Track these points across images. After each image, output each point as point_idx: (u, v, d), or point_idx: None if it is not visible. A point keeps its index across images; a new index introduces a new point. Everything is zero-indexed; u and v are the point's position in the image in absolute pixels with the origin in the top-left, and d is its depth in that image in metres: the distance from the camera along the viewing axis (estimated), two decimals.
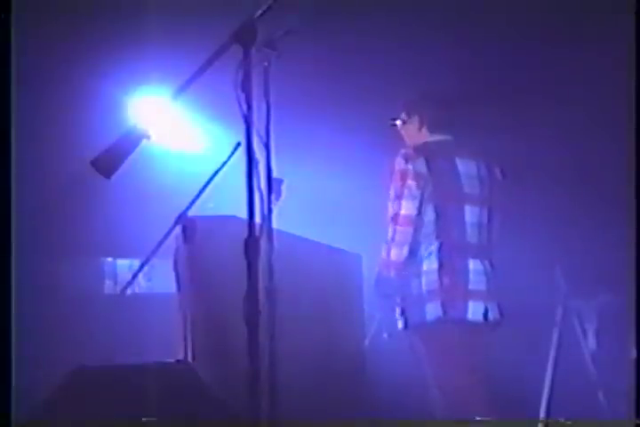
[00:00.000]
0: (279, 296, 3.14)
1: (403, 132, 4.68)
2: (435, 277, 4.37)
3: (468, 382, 4.33)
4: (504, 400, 4.59)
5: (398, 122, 4.64)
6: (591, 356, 5.29)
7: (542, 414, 5.17)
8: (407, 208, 4.36)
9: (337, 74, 5.93)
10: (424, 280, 4.37)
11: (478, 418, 4.32)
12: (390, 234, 4.38)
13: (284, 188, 4.30)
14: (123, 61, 5.83)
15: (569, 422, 5.01)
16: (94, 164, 3.26)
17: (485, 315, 4.40)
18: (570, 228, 5.49)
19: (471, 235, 4.48)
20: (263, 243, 3.02)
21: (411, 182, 4.36)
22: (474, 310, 4.37)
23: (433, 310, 4.34)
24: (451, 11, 5.61)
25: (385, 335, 5.17)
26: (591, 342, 5.30)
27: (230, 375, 3.76)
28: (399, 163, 4.40)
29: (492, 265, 4.54)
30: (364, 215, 5.47)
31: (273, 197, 3.17)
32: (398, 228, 4.36)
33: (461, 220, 4.47)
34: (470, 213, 4.50)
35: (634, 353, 4.91)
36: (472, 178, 4.53)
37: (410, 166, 4.37)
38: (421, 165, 4.39)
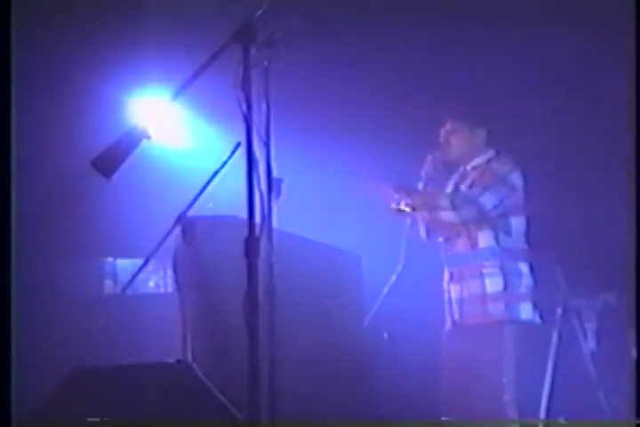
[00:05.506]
0: (279, 296, 3.14)
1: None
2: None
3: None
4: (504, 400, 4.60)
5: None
6: (591, 356, 5.28)
7: (542, 415, 5.15)
8: None
9: (337, 74, 5.92)
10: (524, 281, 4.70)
11: (479, 418, 4.33)
12: None
13: (283, 187, 4.30)
14: (123, 61, 5.83)
15: (569, 423, 5.01)
16: (94, 164, 3.26)
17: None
18: (570, 228, 5.48)
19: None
20: (263, 243, 3.02)
21: None
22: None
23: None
24: (450, 10, 5.62)
25: (385, 335, 5.16)
26: (591, 342, 5.29)
27: (230, 375, 3.75)
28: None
29: None
30: (364, 215, 5.46)
31: (273, 196, 3.17)
32: None
33: None
34: None
35: (634, 353, 4.91)
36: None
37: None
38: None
